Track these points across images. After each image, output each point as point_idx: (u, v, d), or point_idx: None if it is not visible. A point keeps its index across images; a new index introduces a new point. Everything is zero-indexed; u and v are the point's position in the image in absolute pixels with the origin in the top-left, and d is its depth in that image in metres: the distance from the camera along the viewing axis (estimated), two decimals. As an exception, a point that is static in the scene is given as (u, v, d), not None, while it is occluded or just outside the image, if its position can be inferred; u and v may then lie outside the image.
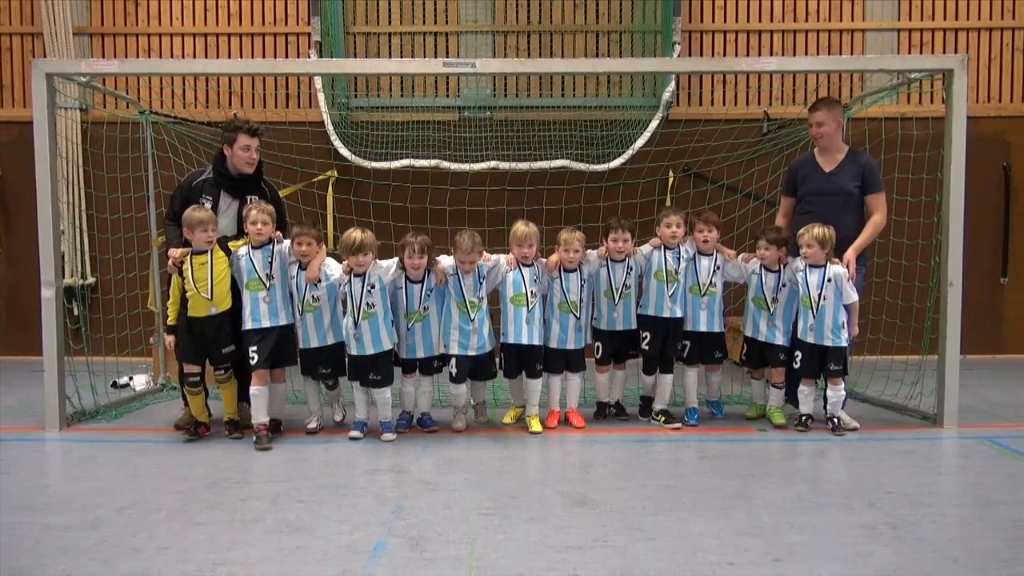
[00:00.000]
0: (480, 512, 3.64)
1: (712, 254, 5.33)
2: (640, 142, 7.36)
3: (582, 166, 7.40)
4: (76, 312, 7.35)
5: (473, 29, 8.15)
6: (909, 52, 8.14)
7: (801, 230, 5.13)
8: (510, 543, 3.28)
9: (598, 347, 5.42)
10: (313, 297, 4.95)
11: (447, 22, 8.18)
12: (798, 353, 5.18)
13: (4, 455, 4.64)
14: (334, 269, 4.96)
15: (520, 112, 8.02)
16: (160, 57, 8.18)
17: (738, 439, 5.07)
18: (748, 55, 8.09)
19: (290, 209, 7.58)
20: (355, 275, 4.85)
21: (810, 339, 5.13)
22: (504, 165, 7.42)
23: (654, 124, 7.43)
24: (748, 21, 8.19)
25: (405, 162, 7.45)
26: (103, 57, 8.15)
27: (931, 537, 3.41)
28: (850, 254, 5.12)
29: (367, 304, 4.81)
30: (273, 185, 5.57)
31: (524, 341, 5.08)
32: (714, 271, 5.31)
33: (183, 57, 8.19)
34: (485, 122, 7.94)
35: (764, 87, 8.04)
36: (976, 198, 7.80)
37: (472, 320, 5.00)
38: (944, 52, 8.12)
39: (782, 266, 5.26)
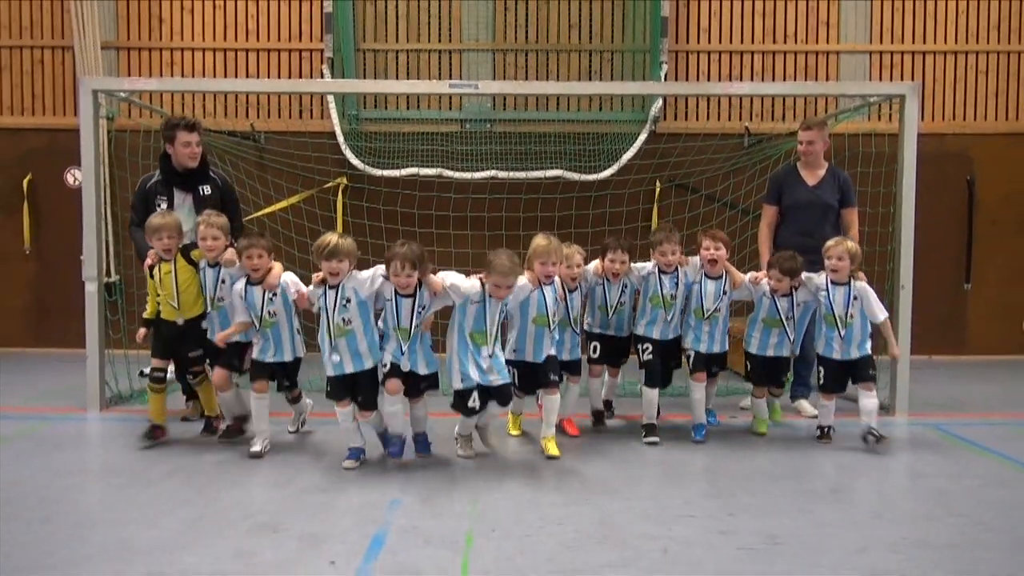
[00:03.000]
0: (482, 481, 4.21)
1: (720, 277, 5.11)
2: (629, 154, 7.90)
3: (575, 176, 7.94)
4: (119, 305, 7.81)
5: (475, 47, 8.73)
6: (880, 73, 8.73)
7: (829, 243, 5.03)
8: (506, 499, 3.86)
9: (595, 347, 5.30)
10: (270, 312, 4.67)
11: (451, 40, 8.75)
12: (820, 369, 5.12)
13: (55, 431, 5.21)
14: (291, 284, 4.67)
15: (518, 125, 8.57)
16: (183, 70, 8.74)
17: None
18: (730, 74, 8.69)
19: (302, 213, 8.22)
20: (329, 286, 4.42)
21: (836, 355, 5.02)
22: (503, 174, 7.95)
23: (642, 137, 8.00)
24: (731, 42, 8.78)
25: (411, 170, 7.96)
26: (128, 69, 8.71)
27: (865, 500, 4.01)
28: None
29: (342, 320, 4.39)
30: (223, 174, 5.81)
31: (543, 359, 4.80)
32: (720, 296, 5.09)
33: (204, 70, 8.75)
34: (485, 134, 8.48)
35: (745, 104, 8.61)
36: (942, 210, 8.47)
37: (492, 352, 4.53)
38: (912, 73, 8.72)
39: (794, 288, 5.10)
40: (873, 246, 6.38)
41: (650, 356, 5.14)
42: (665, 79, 8.20)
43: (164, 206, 5.36)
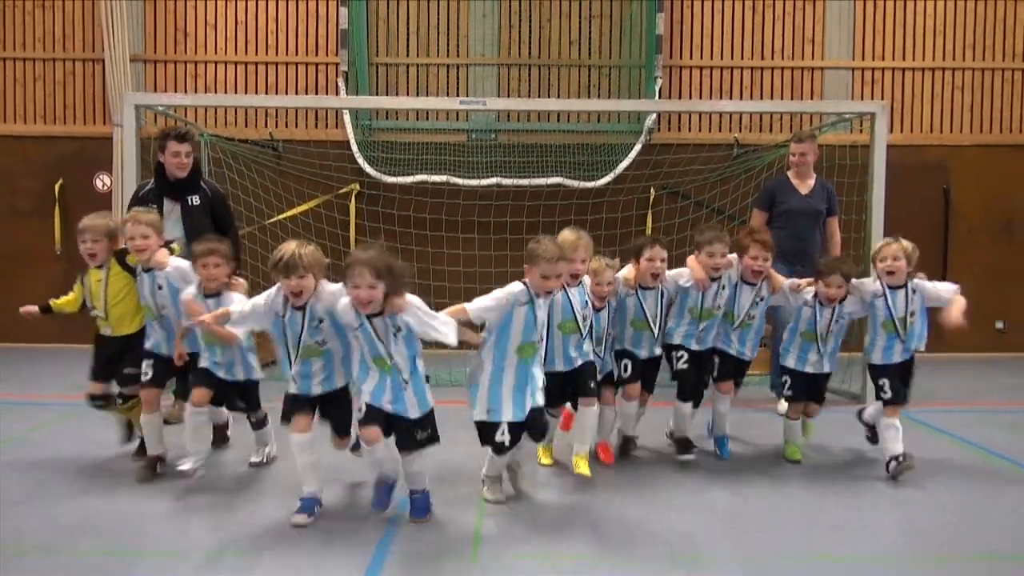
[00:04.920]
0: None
1: (756, 283, 4.68)
2: (625, 163, 8.45)
3: (574, 183, 8.48)
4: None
5: (481, 62, 9.29)
6: (862, 88, 9.28)
7: (880, 244, 4.65)
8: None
9: (626, 364, 4.61)
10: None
11: (458, 55, 9.31)
12: (884, 381, 4.58)
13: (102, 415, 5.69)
14: (238, 303, 3.98)
15: (521, 136, 9.12)
16: (206, 82, 9.29)
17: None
18: (721, 88, 9.25)
19: (321, 218, 8.76)
20: (294, 307, 3.69)
21: (897, 358, 4.62)
22: (507, 181, 8.46)
23: (637, 147, 8.54)
24: (722, 59, 9.33)
25: (420, 177, 8.48)
26: (155, 80, 9.28)
27: (824, 469, 4.60)
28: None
29: (316, 343, 3.72)
30: (215, 185, 5.78)
31: (578, 365, 4.23)
32: (756, 302, 4.70)
33: (226, 82, 9.30)
34: (490, 144, 9.02)
35: (734, 118, 9.14)
36: (920, 217, 9.00)
37: (535, 372, 3.85)
38: (892, 88, 9.28)
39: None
40: (847, 251, 6.92)
41: (685, 364, 4.63)
42: (660, 93, 8.76)
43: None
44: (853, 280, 4.58)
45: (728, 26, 9.33)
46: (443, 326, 3.57)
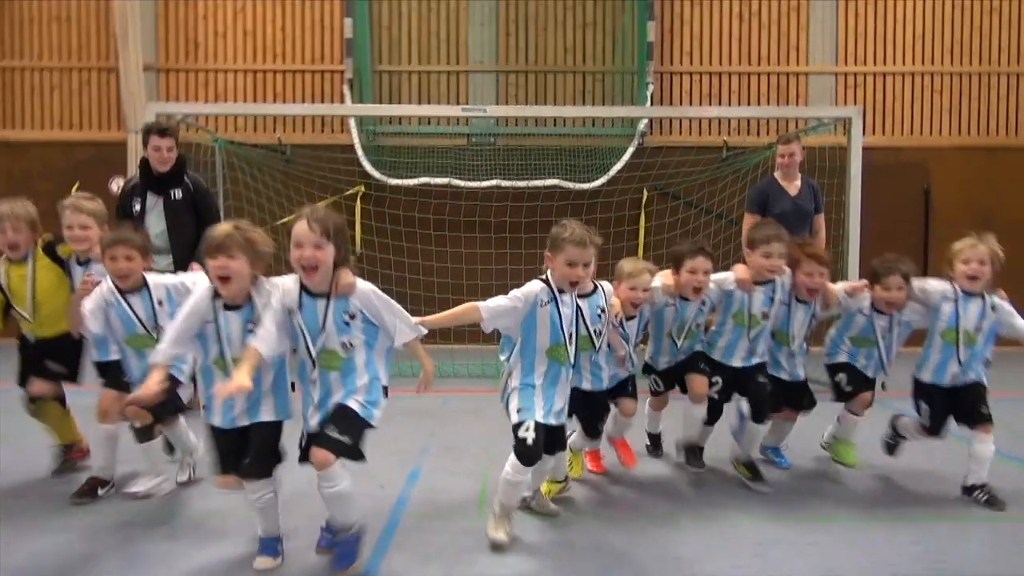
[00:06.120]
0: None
1: (811, 302, 4.16)
2: (618, 165, 8.84)
3: (570, 185, 8.83)
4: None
5: (480, 69, 9.68)
6: (845, 92, 9.70)
7: (961, 245, 4.00)
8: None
9: (655, 380, 4.36)
10: (150, 329, 3.63)
11: (459, 63, 9.71)
12: (923, 406, 4.09)
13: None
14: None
15: (519, 139, 9.52)
16: (216, 89, 9.68)
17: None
18: (711, 93, 9.66)
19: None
20: (225, 307, 3.00)
21: (947, 380, 4.01)
22: (505, 183, 8.80)
23: (630, 150, 8.93)
24: (711, 64, 9.74)
25: (423, 180, 8.82)
26: (167, 88, 9.68)
27: (803, 448, 4.95)
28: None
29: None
30: (199, 180, 5.74)
31: (587, 387, 3.86)
32: (810, 323, 4.21)
33: (235, 89, 9.69)
34: (490, 147, 9.42)
35: (723, 121, 9.55)
36: (901, 215, 9.42)
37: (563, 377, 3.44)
38: (874, 92, 9.70)
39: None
40: (827, 248, 7.31)
41: (717, 392, 4.18)
42: (651, 98, 9.17)
43: (138, 208, 5.41)
44: (914, 280, 3.97)
45: (717, 33, 9.74)
46: (404, 320, 3.05)
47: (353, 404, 2.95)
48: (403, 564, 3.19)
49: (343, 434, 2.89)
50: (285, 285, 3.00)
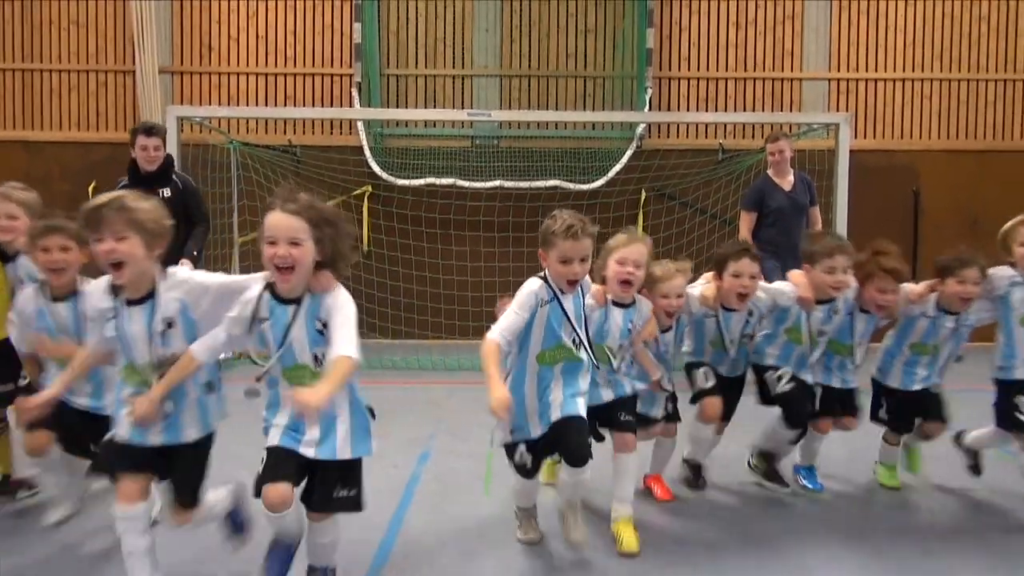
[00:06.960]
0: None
1: (876, 315, 3.85)
2: (617, 167, 9.16)
3: (570, 186, 9.15)
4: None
5: (484, 73, 10.00)
6: (838, 97, 10.02)
7: (1016, 221, 3.80)
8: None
9: (706, 373, 3.82)
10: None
11: (463, 67, 10.03)
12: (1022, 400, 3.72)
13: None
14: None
15: (521, 141, 9.81)
16: (229, 92, 10.00)
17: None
18: (707, 98, 9.97)
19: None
20: (127, 301, 2.59)
21: (1019, 374, 3.73)
22: (508, 184, 9.11)
23: (629, 153, 9.25)
24: (708, 70, 10.05)
25: (428, 180, 9.13)
26: (182, 91, 10.00)
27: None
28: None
29: (161, 356, 2.58)
30: (188, 179, 5.75)
31: (604, 400, 3.43)
32: (869, 331, 3.90)
33: (248, 91, 10.00)
34: (493, 149, 9.71)
35: (719, 125, 9.86)
36: (891, 217, 9.73)
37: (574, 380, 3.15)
38: (866, 97, 10.01)
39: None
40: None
41: (788, 385, 3.76)
42: (650, 102, 9.49)
43: None
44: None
45: (714, 40, 10.05)
46: (352, 343, 2.47)
47: (351, 453, 2.60)
48: (418, 530, 3.55)
49: (350, 489, 2.61)
50: (251, 293, 2.56)
